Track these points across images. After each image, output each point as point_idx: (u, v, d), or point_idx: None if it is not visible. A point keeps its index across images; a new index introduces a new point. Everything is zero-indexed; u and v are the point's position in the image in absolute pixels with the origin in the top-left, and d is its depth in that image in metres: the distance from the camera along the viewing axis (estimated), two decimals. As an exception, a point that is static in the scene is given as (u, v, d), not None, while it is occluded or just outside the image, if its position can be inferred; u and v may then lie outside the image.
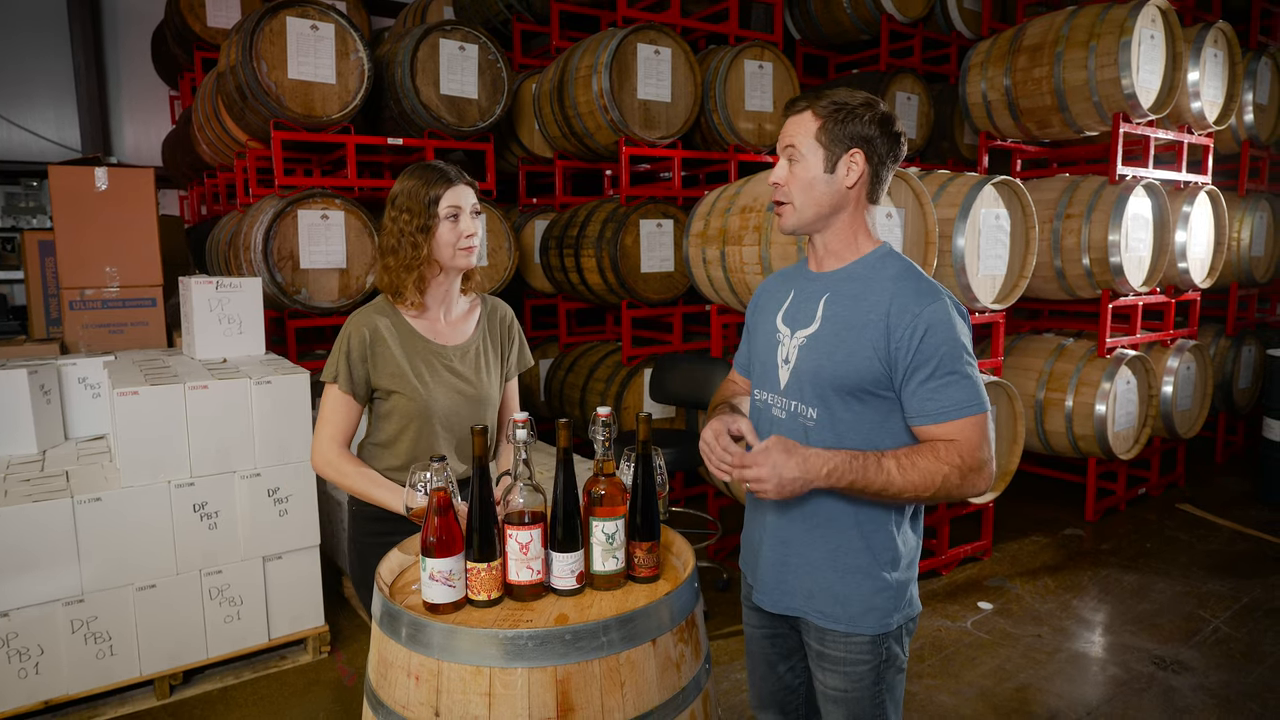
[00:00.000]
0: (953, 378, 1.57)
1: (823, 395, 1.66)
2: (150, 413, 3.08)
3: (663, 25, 5.10)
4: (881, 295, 1.62)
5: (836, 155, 1.64)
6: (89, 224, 4.04)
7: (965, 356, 1.60)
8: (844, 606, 1.69)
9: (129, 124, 9.38)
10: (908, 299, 1.59)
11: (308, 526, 3.45)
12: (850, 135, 1.63)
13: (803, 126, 1.65)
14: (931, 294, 1.61)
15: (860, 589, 1.68)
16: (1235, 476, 6.20)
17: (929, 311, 1.58)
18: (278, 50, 4.31)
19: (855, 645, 1.69)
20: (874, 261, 1.69)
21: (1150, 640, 3.71)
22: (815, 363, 1.67)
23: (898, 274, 1.65)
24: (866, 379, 1.62)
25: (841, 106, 1.63)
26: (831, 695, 1.74)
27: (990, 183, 4.00)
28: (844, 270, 1.71)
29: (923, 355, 1.57)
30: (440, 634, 1.42)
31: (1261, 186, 6.62)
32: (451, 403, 2.05)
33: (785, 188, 1.68)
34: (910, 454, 1.56)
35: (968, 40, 6.93)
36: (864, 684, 1.71)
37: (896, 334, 1.59)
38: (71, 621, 2.99)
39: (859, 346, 1.61)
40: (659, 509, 1.66)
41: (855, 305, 1.65)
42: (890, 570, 1.69)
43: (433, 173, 2.00)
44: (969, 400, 1.58)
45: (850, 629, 1.69)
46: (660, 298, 5.30)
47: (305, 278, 4.43)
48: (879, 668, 1.71)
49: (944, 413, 1.58)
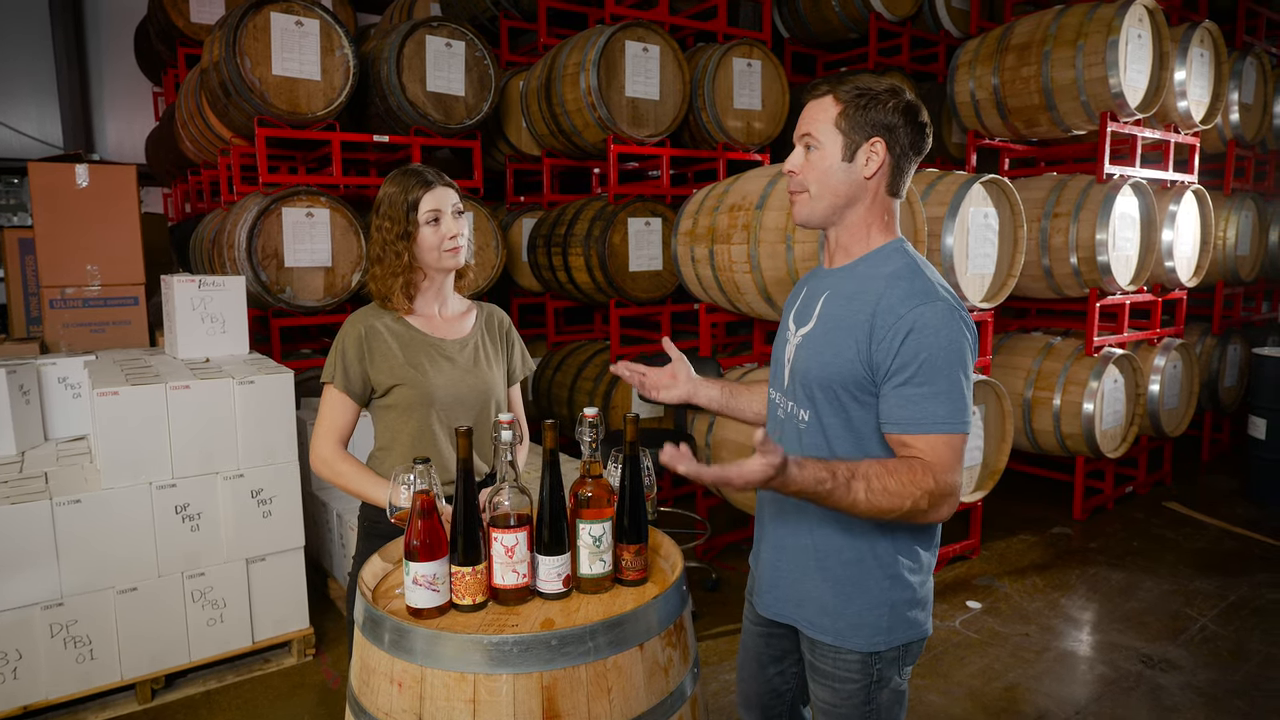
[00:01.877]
0: (934, 389, 1.46)
1: (812, 397, 1.60)
2: (131, 413, 3.03)
3: (651, 23, 5.08)
4: (873, 293, 1.53)
5: (856, 143, 1.55)
6: (70, 222, 3.99)
7: (954, 368, 1.48)
8: (832, 619, 1.62)
9: (111, 120, 9.28)
10: (896, 299, 1.50)
11: (292, 528, 3.40)
12: (872, 123, 1.54)
13: (823, 112, 1.57)
14: (925, 295, 1.50)
15: (852, 603, 1.61)
16: (1221, 475, 6.23)
17: (915, 313, 1.47)
18: (262, 46, 4.26)
19: (844, 662, 1.63)
20: (878, 258, 1.60)
21: (1138, 638, 3.71)
22: (806, 363, 1.61)
23: (894, 272, 1.55)
24: (850, 382, 1.54)
25: (864, 92, 1.54)
26: (821, 707, 1.71)
27: (979, 181, 4.00)
28: (848, 267, 1.63)
29: (903, 358, 1.47)
30: (424, 640, 1.39)
31: (1247, 186, 6.66)
32: (454, 391, 2.03)
33: (801, 176, 1.60)
34: (883, 475, 1.44)
35: (956, 39, 6.93)
36: (852, 702, 1.64)
37: (879, 335, 1.50)
38: (51, 625, 2.94)
39: (844, 347, 1.54)
40: (647, 511, 1.64)
41: (848, 304, 1.57)
42: (889, 586, 1.60)
43: (410, 178, 1.99)
44: (947, 417, 1.47)
45: (838, 643, 1.62)
46: (649, 296, 5.27)
47: (290, 276, 4.39)
48: (869, 688, 1.63)
49: (916, 423, 1.47)
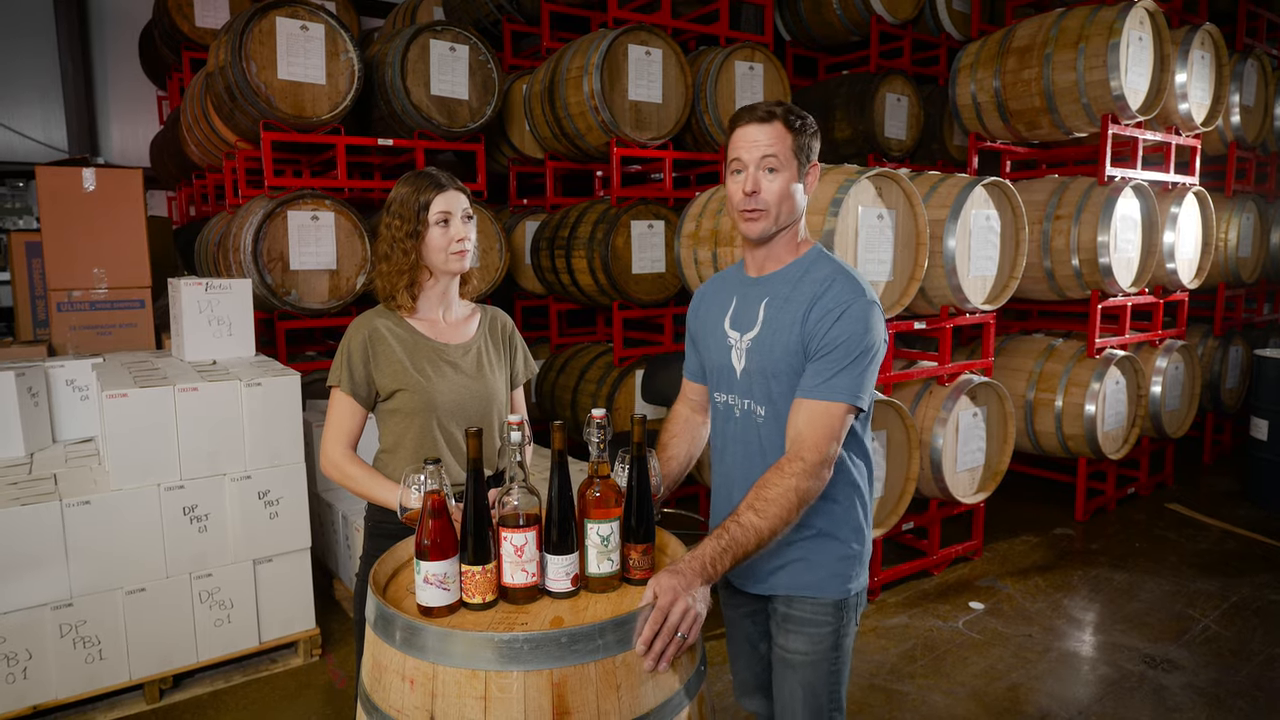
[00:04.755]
0: (842, 366, 1.66)
1: (768, 393, 1.76)
2: (140, 415, 3.06)
3: (654, 26, 5.10)
4: (809, 293, 1.72)
5: (804, 168, 1.74)
6: (77, 225, 4.01)
7: (864, 354, 1.67)
8: (813, 572, 1.79)
9: (116, 124, 9.31)
10: (832, 295, 1.69)
11: (298, 529, 3.43)
12: (811, 149, 1.74)
13: (779, 137, 1.70)
14: (855, 293, 1.69)
15: (827, 553, 1.79)
16: (1223, 476, 6.24)
17: (843, 305, 1.67)
18: (267, 50, 4.29)
19: (821, 607, 1.80)
20: (807, 264, 1.78)
21: (1140, 639, 3.73)
22: (760, 362, 1.77)
23: (827, 275, 1.73)
24: (799, 370, 1.71)
25: (800, 118, 1.72)
26: (791, 660, 1.82)
27: (980, 184, 4.02)
28: (781, 273, 1.80)
29: (827, 340, 1.67)
30: (435, 637, 1.41)
31: (1248, 187, 6.67)
32: (456, 397, 2.05)
33: (763, 196, 1.71)
34: (759, 492, 1.60)
35: (957, 42, 6.95)
36: (823, 646, 1.80)
37: (811, 322, 1.69)
38: (60, 625, 2.96)
39: (790, 344, 1.72)
40: (654, 511, 1.66)
41: (787, 304, 1.75)
42: (853, 539, 1.81)
43: (424, 179, 2.03)
44: (843, 387, 1.65)
45: (818, 593, 1.79)
46: (651, 299, 5.29)
47: (295, 279, 4.41)
48: (838, 632, 1.81)
49: (814, 390, 1.66)
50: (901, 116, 6.54)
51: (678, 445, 2.02)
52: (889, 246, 3.76)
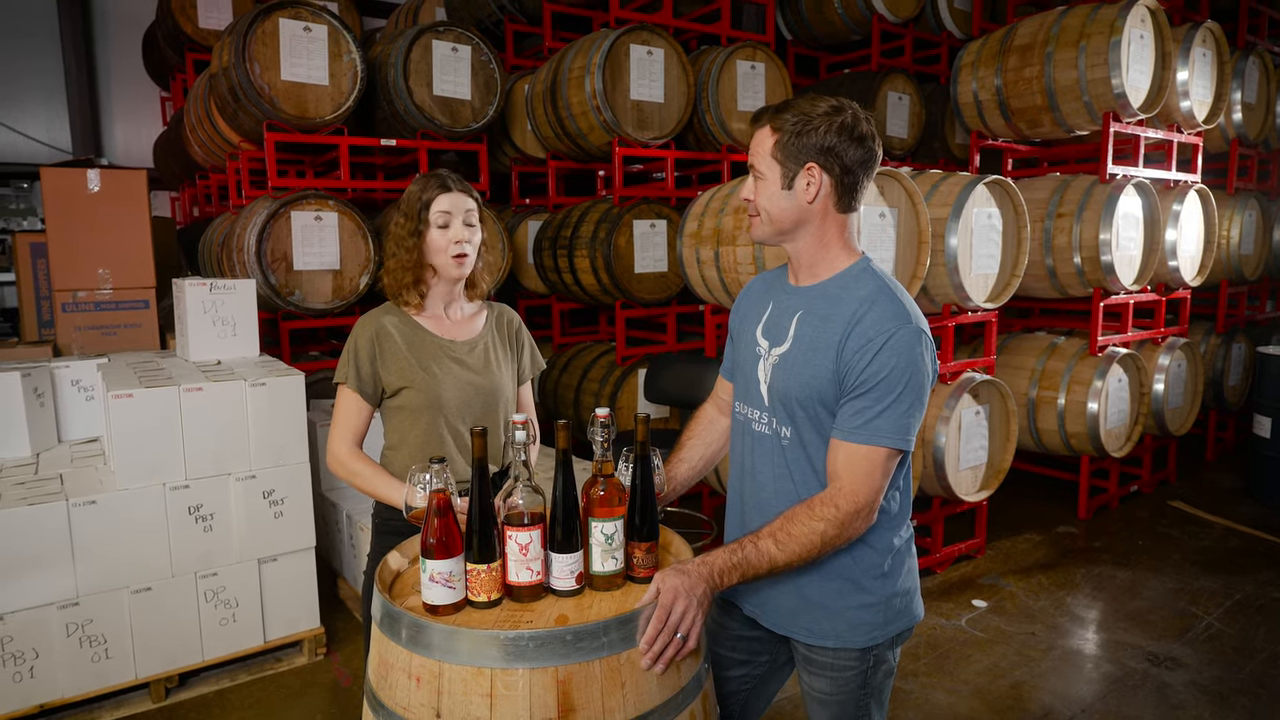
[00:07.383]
0: (884, 405, 1.52)
1: (792, 415, 1.64)
2: (145, 415, 3.07)
3: (655, 26, 5.11)
4: (847, 315, 1.57)
5: (793, 171, 1.58)
6: (81, 225, 4.03)
7: (910, 390, 1.52)
8: (831, 622, 1.67)
9: (120, 125, 9.33)
10: (871, 321, 1.54)
11: (303, 528, 3.44)
12: (806, 149, 1.56)
13: (760, 143, 1.62)
14: (898, 319, 1.54)
15: (847, 602, 1.66)
16: (1226, 473, 6.24)
17: (886, 335, 1.52)
18: (270, 51, 4.30)
19: (843, 655, 1.69)
20: (848, 280, 1.64)
21: (1143, 637, 3.73)
22: (785, 383, 1.64)
23: (868, 295, 1.59)
24: (829, 400, 1.59)
25: (800, 119, 1.56)
26: (816, 697, 1.75)
27: (982, 182, 4.02)
28: (818, 287, 1.66)
29: (866, 375, 1.53)
30: (441, 635, 1.42)
31: (1250, 185, 6.67)
32: (462, 395, 2.06)
33: (755, 202, 1.66)
34: (785, 524, 1.53)
35: (958, 40, 6.96)
36: (850, 688, 1.70)
37: (849, 351, 1.54)
38: (66, 625, 2.98)
39: (821, 369, 1.58)
40: (658, 509, 1.67)
41: (823, 326, 1.61)
42: (878, 581, 1.66)
43: (432, 179, 2.06)
44: (887, 429, 1.52)
45: (839, 644, 1.67)
46: (654, 298, 5.30)
47: (299, 279, 4.42)
48: (866, 673, 1.70)
49: (854, 431, 1.53)
50: (903, 115, 6.55)
51: (692, 448, 1.95)
52: (891, 245, 3.77)
